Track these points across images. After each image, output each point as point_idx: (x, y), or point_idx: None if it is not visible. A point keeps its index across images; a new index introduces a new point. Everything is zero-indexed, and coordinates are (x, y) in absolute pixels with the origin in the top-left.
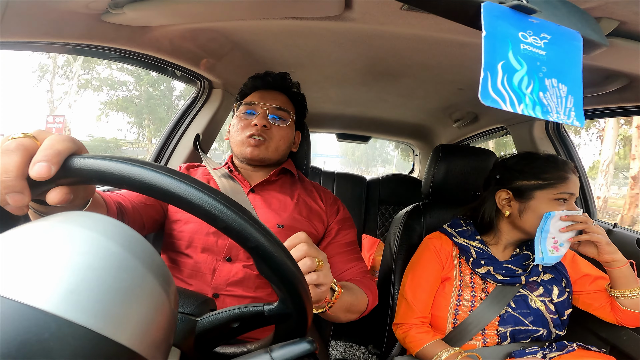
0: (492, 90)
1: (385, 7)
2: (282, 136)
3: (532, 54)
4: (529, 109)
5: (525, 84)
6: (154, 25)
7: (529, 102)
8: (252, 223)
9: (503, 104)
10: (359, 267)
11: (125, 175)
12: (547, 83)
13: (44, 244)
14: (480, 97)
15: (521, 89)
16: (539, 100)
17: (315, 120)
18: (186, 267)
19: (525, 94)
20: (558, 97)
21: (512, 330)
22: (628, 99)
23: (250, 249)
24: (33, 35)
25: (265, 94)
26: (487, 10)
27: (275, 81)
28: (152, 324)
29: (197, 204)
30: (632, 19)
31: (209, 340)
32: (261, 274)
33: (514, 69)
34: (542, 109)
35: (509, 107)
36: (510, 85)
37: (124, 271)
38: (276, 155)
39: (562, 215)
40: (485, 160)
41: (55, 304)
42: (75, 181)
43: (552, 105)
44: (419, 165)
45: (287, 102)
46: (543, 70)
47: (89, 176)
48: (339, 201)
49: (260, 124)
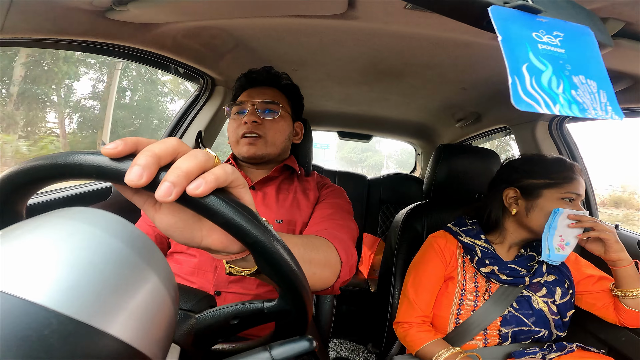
0: (524, 94)
1: (388, 5)
2: (276, 129)
3: (552, 52)
4: (565, 109)
5: (555, 83)
6: (157, 22)
7: (563, 101)
8: (250, 219)
9: (538, 106)
10: (332, 225)
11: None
12: (576, 80)
13: (45, 239)
14: (513, 103)
15: (552, 89)
16: (573, 99)
17: (317, 118)
18: (188, 265)
19: (557, 94)
20: (590, 93)
21: (514, 330)
22: (633, 100)
23: (249, 245)
24: (37, 32)
25: (252, 92)
26: (495, 13)
27: (260, 77)
28: (153, 320)
29: (196, 200)
30: (637, 20)
31: (208, 337)
32: (261, 270)
33: (540, 70)
34: (579, 107)
35: (545, 109)
36: (540, 86)
37: (125, 267)
38: (274, 150)
39: (570, 213)
40: (487, 160)
41: (56, 299)
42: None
43: (587, 102)
44: (421, 164)
45: (276, 95)
46: (568, 68)
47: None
48: (327, 180)
49: (250, 120)
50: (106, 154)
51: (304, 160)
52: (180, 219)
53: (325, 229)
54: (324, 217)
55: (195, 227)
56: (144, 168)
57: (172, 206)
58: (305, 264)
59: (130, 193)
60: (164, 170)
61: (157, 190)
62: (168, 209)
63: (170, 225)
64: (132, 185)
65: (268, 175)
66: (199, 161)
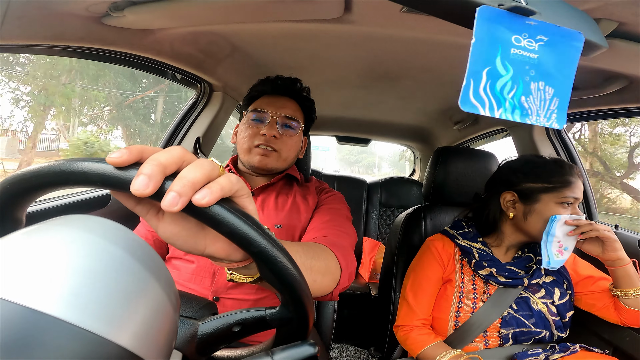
0: (473, 97)
1: (385, 9)
2: (291, 145)
3: (522, 57)
4: (507, 113)
5: (508, 89)
6: (154, 28)
7: (508, 106)
8: (255, 228)
9: (482, 109)
10: (331, 232)
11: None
12: (532, 86)
13: (47, 247)
14: (459, 104)
15: (503, 94)
16: (519, 104)
17: (315, 123)
18: (187, 271)
19: (505, 99)
20: (542, 99)
21: (515, 332)
22: (627, 100)
23: (254, 254)
24: (33, 38)
25: (274, 100)
26: (481, 14)
27: (285, 86)
28: (155, 327)
29: (201, 210)
30: (631, 20)
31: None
32: (264, 278)
33: (499, 75)
34: (522, 112)
35: (488, 112)
36: (493, 90)
37: (127, 275)
38: (285, 165)
39: (568, 219)
40: (485, 163)
41: (58, 307)
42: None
43: (532, 108)
44: (420, 167)
45: (297, 110)
46: (531, 73)
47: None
48: (326, 185)
49: (270, 134)
50: (111, 163)
51: (303, 166)
52: (183, 228)
53: (324, 236)
54: (323, 223)
55: (198, 235)
56: (150, 177)
57: (176, 215)
58: (306, 272)
59: (133, 203)
60: (169, 179)
61: (163, 200)
62: (171, 218)
63: (173, 234)
64: (138, 195)
65: (268, 183)
66: (205, 171)
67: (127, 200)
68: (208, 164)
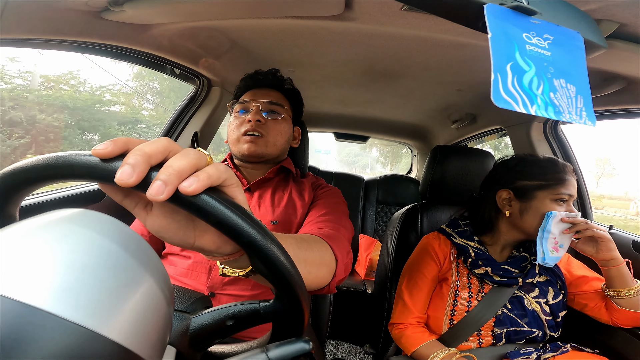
0: (504, 92)
1: (385, 7)
2: (278, 130)
3: (538, 54)
4: (541, 110)
5: (536, 84)
6: (153, 23)
7: (541, 102)
8: (244, 218)
9: (515, 105)
10: (327, 225)
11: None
12: (556, 83)
13: (39, 241)
14: (492, 99)
15: (532, 89)
16: (550, 101)
17: (314, 119)
18: (182, 266)
19: (536, 95)
20: (568, 97)
21: (508, 331)
22: (626, 101)
23: (244, 245)
24: (32, 32)
25: (257, 92)
26: (490, 11)
27: (266, 78)
28: (148, 322)
29: (188, 199)
30: (632, 22)
31: (204, 338)
32: (256, 270)
33: (523, 70)
34: (555, 109)
35: (522, 108)
36: (521, 86)
37: (120, 269)
38: (274, 151)
39: (564, 215)
40: (483, 161)
41: (50, 301)
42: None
43: (563, 105)
44: (417, 165)
45: (280, 97)
46: (550, 70)
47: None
48: (322, 181)
49: (254, 119)
50: (96, 154)
51: (300, 162)
52: (172, 221)
53: (319, 229)
54: (318, 217)
55: (188, 228)
56: (134, 167)
57: (164, 208)
58: (300, 263)
59: (121, 196)
60: (155, 169)
61: (148, 189)
62: (160, 211)
63: (162, 227)
64: (122, 185)
65: (264, 177)
66: (191, 159)
67: (115, 193)
68: (195, 153)
